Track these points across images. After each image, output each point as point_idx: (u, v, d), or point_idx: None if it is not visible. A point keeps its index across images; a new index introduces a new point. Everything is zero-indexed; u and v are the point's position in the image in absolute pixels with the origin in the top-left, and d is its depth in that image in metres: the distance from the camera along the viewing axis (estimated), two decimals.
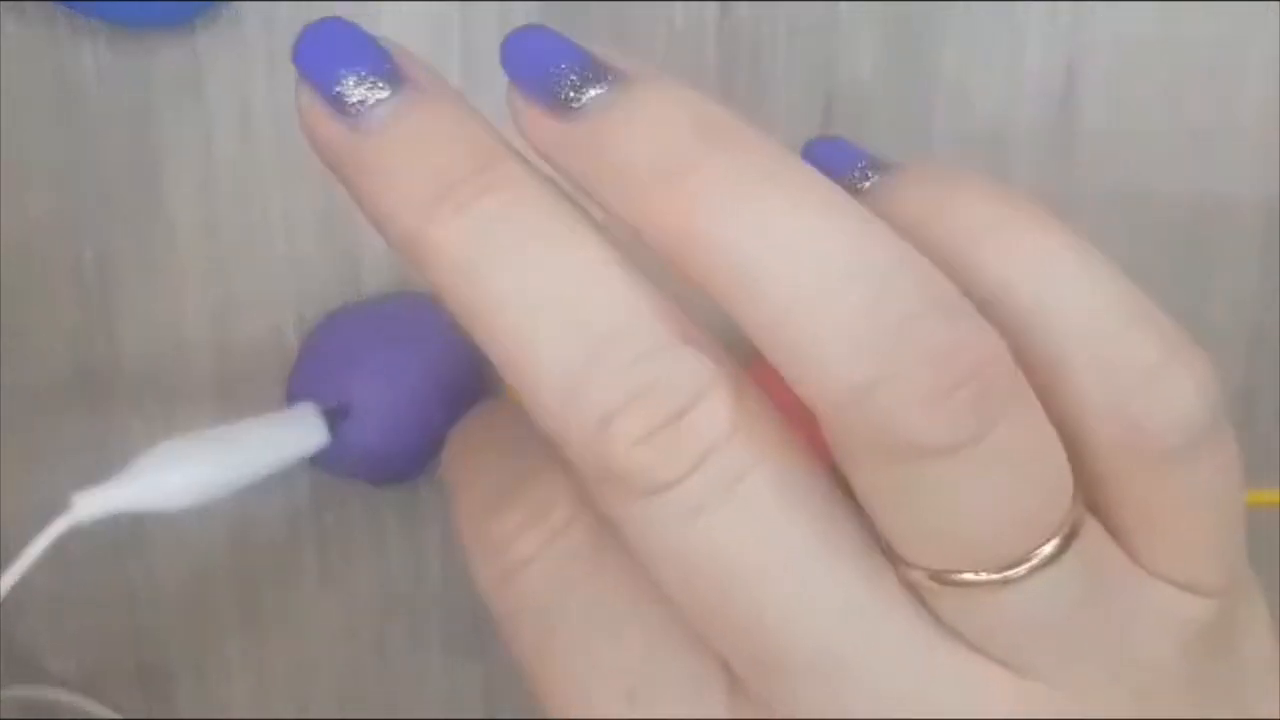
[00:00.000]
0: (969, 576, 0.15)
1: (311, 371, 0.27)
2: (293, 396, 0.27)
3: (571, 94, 0.15)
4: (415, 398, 0.26)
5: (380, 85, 0.15)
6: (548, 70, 0.15)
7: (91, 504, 0.23)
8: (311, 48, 0.15)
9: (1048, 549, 0.15)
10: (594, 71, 0.15)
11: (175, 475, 0.23)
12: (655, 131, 0.14)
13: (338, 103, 0.15)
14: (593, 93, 0.15)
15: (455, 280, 0.15)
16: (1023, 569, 0.15)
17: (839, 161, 0.17)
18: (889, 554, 0.15)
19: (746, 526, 0.15)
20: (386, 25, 0.26)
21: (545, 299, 0.14)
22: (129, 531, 0.30)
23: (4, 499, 0.29)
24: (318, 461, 0.25)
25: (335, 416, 0.25)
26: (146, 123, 0.27)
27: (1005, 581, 0.15)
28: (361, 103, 0.15)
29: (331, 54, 0.15)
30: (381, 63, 0.15)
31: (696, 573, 0.15)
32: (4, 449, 0.29)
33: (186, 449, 0.24)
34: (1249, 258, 0.29)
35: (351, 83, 0.15)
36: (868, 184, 0.17)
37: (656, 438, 0.14)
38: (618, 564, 0.17)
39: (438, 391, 0.26)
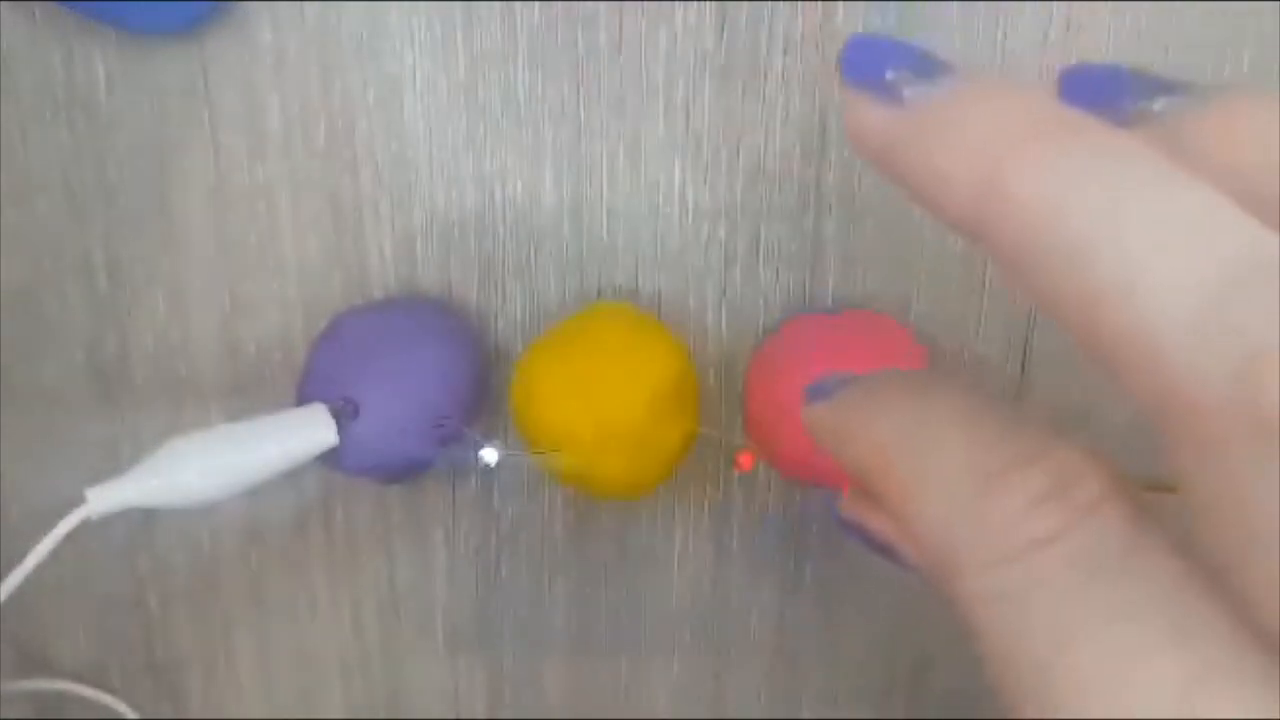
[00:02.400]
0: None
1: (320, 372, 0.27)
2: (302, 397, 0.27)
3: (907, 85, 0.15)
4: (422, 397, 0.26)
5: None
6: (885, 63, 0.15)
7: (104, 499, 0.23)
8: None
9: None
10: (930, 64, 0.15)
11: (187, 472, 0.24)
12: (995, 112, 0.14)
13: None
14: (929, 84, 0.15)
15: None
16: None
17: (1108, 87, 0.16)
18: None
19: None
20: (393, 24, 0.26)
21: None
22: (141, 527, 0.30)
23: (18, 494, 0.29)
24: (326, 459, 0.25)
25: (344, 416, 0.26)
26: (155, 126, 0.27)
27: None
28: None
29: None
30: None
31: None
32: (19, 446, 0.29)
33: (198, 446, 0.24)
34: None
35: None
36: (1157, 106, 0.16)
37: None
38: (1159, 546, 0.14)
39: (443, 391, 0.27)
